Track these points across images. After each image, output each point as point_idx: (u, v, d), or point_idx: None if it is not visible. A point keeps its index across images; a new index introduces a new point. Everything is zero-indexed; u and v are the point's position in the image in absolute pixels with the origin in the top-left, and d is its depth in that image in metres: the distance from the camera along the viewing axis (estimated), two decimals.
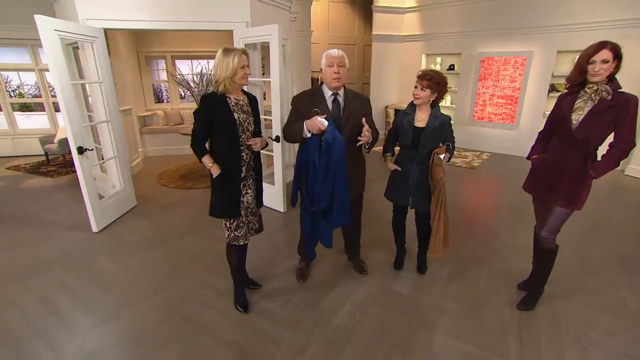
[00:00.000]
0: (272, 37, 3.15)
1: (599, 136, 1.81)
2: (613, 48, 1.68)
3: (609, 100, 1.74)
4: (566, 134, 1.89)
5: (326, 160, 1.92)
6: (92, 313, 2.20)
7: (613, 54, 1.67)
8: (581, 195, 1.91)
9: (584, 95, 1.83)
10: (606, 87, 1.74)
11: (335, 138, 1.89)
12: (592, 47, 1.72)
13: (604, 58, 1.68)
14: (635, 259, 2.84)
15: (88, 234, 3.26)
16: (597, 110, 1.77)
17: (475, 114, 6.78)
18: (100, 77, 3.39)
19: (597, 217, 3.73)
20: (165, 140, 6.22)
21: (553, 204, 1.99)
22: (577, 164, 1.88)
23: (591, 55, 1.71)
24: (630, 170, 5.23)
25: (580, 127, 1.82)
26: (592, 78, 1.74)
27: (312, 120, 1.92)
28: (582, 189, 1.89)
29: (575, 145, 1.87)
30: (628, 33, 5.10)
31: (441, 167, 2.18)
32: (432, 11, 7.06)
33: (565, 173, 1.92)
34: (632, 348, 1.92)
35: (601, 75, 1.71)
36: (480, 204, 4.20)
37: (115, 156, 3.60)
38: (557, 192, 1.96)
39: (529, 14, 5.85)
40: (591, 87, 1.79)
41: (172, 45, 6.39)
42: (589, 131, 1.80)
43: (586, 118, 1.80)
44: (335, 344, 1.95)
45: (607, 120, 1.76)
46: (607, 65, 1.69)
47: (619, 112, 1.73)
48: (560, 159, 1.95)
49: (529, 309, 2.23)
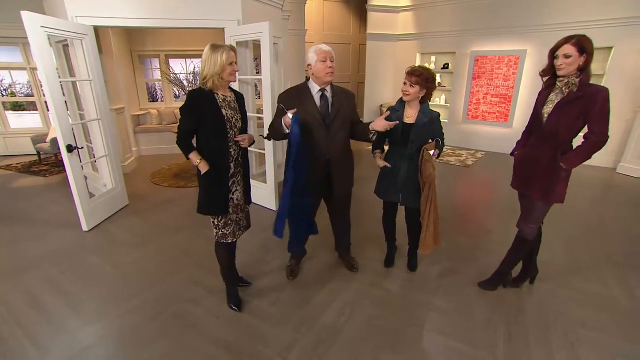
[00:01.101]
0: (263, 35, 3.14)
1: (569, 128, 1.83)
2: (578, 43, 1.71)
3: (575, 92, 1.76)
4: (539, 127, 1.93)
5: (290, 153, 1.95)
6: (80, 311, 2.19)
7: (577, 49, 1.70)
8: (556, 189, 1.91)
9: (556, 90, 1.87)
10: (575, 80, 1.77)
11: (293, 130, 1.91)
12: (559, 42, 1.77)
13: (566, 53, 1.72)
14: (625, 257, 2.85)
15: (78, 233, 3.23)
16: (564, 102, 1.80)
17: (470, 113, 6.80)
18: (91, 75, 3.36)
19: (588, 215, 3.75)
20: (159, 139, 6.19)
21: (530, 197, 2.03)
22: (547, 156, 1.91)
23: (555, 50, 1.78)
24: (621, 169, 5.26)
25: (549, 120, 1.86)
26: (558, 72, 1.79)
27: (285, 117, 1.94)
28: (556, 182, 1.91)
29: (546, 138, 1.90)
30: (620, 32, 5.13)
31: (431, 163, 2.17)
32: (427, 10, 7.08)
33: (539, 166, 1.95)
34: (621, 345, 1.93)
35: (565, 70, 1.75)
36: (473, 202, 4.21)
37: (106, 154, 3.57)
38: (533, 185, 1.99)
39: (523, 13, 5.87)
40: (562, 81, 1.82)
41: (165, 44, 6.36)
42: (558, 123, 1.83)
43: (554, 110, 1.84)
44: (323, 341, 1.95)
45: (574, 112, 1.78)
46: (570, 60, 1.72)
47: (586, 105, 1.75)
48: (534, 153, 1.99)
49: (489, 289, 2.37)
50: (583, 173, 5.32)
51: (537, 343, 1.93)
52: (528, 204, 2.09)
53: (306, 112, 2.02)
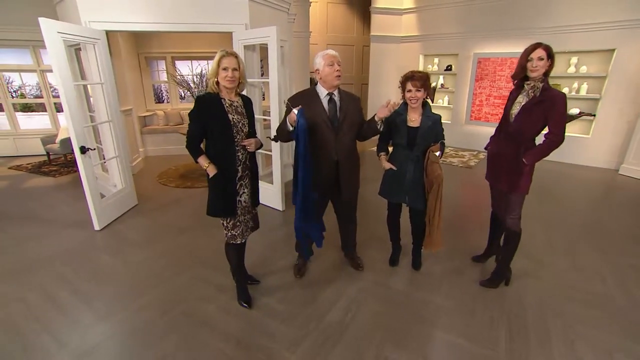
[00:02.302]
0: (271, 38, 3.21)
1: (532, 128, 2.05)
2: (546, 48, 1.96)
3: (538, 97, 1.99)
4: (506, 126, 2.13)
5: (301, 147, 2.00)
6: (93, 307, 2.27)
7: (546, 53, 1.94)
8: (520, 181, 2.14)
9: (524, 91, 2.09)
10: (539, 84, 2.00)
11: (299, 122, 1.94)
12: (530, 47, 1.99)
13: (539, 56, 1.94)
14: (624, 257, 2.90)
15: (90, 232, 3.32)
16: (529, 104, 2.02)
17: (473, 114, 6.84)
18: (102, 79, 3.46)
19: (589, 215, 3.80)
20: (165, 140, 6.29)
21: (499, 188, 2.24)
22: (512, 152, 2.14)
23: (529, 53, 1.97)
24: (624, 170, 5.29)
25: (516, 120, 2.10)
26: (531, 74, 1.99)
27: (290, 114, 2.01)
28: (519, 175, 2.13)
29: (512, 136, 2.13)
30: (622, 34, 5.17)
31: (438, 164, 2.24)
32: (430, 12, 7.13)
33: (506, 161, 2.18)
34: (618, 341, 1.98)
35: (538, 71, 1.96)
36: (476, 202, 4.26)
37: (116, 156, 3.66)
38: (501, 178, 2.20)
39: (524, 15, 5.91)
40: (529, 84, 2.04)
41: (172, 46, 6.46)
42: (522, 123, 2.06)
43: (520, 112, 2.07)
44: (330, 338, 2.01)
45: (536, 114, 2.01)
46: (543, 62, 1.94)
47: (548, 108, 1.97)
48: (503, 149, 2.19)
49: (492, 286, 2.44)
50: (586, 174, 5.36)
51: (537, 340, 1.99)
52: (500, 196, 2.32)
53: (315, 116, 2.09)
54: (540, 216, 3.71)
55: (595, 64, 5.57)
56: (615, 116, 5.46)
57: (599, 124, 5.64)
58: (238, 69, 1.89)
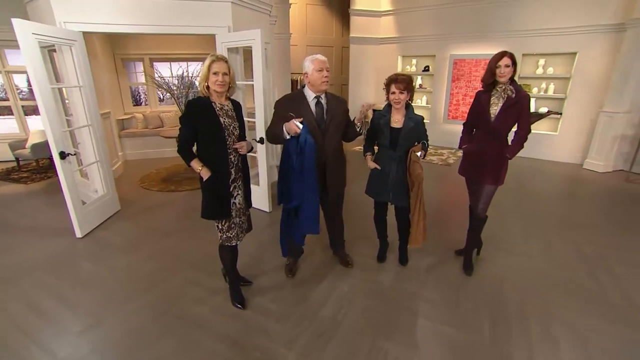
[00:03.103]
0: (255, 41, 3.23)
1: (509, 126, 2.33)
2: (511, 56, 2.22)
3: (513, 98, 2.24)
4: (486, 125, 2.36)
5: (300, 161, 2.06)
6: (82, 315, 2.22)
7: (511, 60, 2.20)
8: (501, 174, 2.41)
9: (496, 93, 2.32)
10: (510, 87, 2.24)
11: (307, 141, 2.04)
12: (497, 55, 2.24)
13: (506, 63, 2.20)
14: (590, 245, 3.13)
15: (71, 240, 3.22)
16: (507, 105, 2.27)
17: (450, 113, 7.11)
18: (81, 81, 3.36)
19: (558, 208, 4.06)
20: (145, 143, 6.14)
21: (483, 184, 2.42)
22: (496, 149, 2.37)
23: (497, 61, 2.22)
24: (587, 164, 5.67)
25: (497, 119, 2.31)
26: (500, 79, 2.24)
27: (290, 124, 2.06)
28: (501, 169, 2.40)
29: (493, 134, 2.35)
30: (583, 39, 5.55)
31: (419, 164, 2.35)
32: (407, 15, 7.34)
33: (488, 157, 2.39)
34: (590, 323, 2.16)
35: (506, 77, 2.22)
36: (455, 198, 4.44)
37: (97, 161, 3.56)
38: (484, 173, 2.38)
39: (497, 19, 6.21)
40: (501, 87, 2.28)
41: (149, 47, 6.31)
42: (503, 122, 2.30)
43: (500, 112, 2.29)
44: (324, 333, 2.07)
45: (513, 114, 2.28)
46: (509, 69, 2.20)
47: (520, 107, 2.25)
48: (485, 146, 2.41)
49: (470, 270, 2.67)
50: (554, 169, 5.70)
51: (517, 325, 2.14)
52: (479, 189, 2.50)
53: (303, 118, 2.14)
54: (515, 210, 3.93)
55: (561, 66, 5.93)
56: (579, 115, 5.84)
57: (565, 122, 6.02)
58: (228, 73, 1.92)
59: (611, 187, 4.80)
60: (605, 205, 4.23)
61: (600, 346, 1.97)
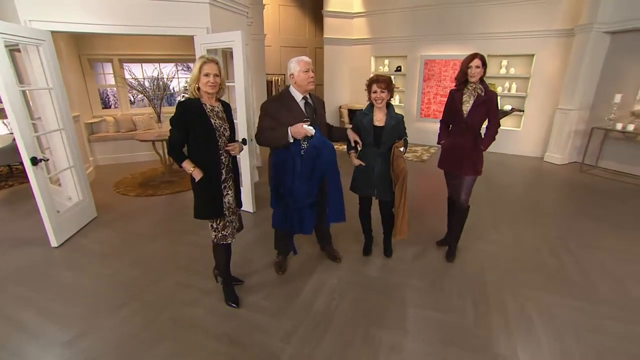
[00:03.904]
0: (236, 43, 3.24)
1: (481, 121, 2.56)
2: (481, 58, 2.42)
3: (483, 96, 2.47)
4: (460, 121, 2.57)
5: (313, 162, 2.14)
6: (69, 325, 2.15)
7: (482, 62, 2.41)
8: (479, 165, 2.62)
9: (467, 92, 2.53)
10: (480, 87, 2.47)
11: (326, 143, 2.16)
12: (469, 56, 2.44)
13: (477, 64, 2.40)
14: (551, 230, 3.44)
15: (47, 249, 3.07)
16: (477, 103, 2.49)
17: (422, 112, 7.41)
18: (50, 83, 3.21)
19: (523, 197, 4.39)
20: (117, 147, 5.90)
21: (463, 175, 2.62)
22: (472, 142, 2.59)
23: (469, 62, 2.43)
24: (547, 157, 6.15)
25: (470, 116, 2.52)
26: (471, 79, 2.46)
27: (298, 127, 2.11)
28: (479, 160, 2.61)
29: (467, 129, 2.56)
30: (539, 42, 6.01)
31: (402, 159, 2.49)
32: (379, 17, 7.56)
33: (466, 150, 2.59)
34: (555, 299, 2.40)
35: (476, 77, 2.43)
36: (432, 192, 4.67)
37: (71, 166, 3.42)
38: (464, 165, 2.59)
39: (463, 22, 6.56)
40: (472, 85, 2.50)
41: (119, 48, 6.06)
42: (475, 118, 2.52)
43: (472, 109, 2.51)
44: (319, 326, 2.15)
45: (484, 110, 2.51)
46: (479, 70, 2.41)
47: (489, 104, 2.49)
48: (460, 140, 2.59)
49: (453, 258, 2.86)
50: (519, 162, 6.12)
51: (496, 306, 2.32)
52: (459, 181, 2.69)
53: (294, 119, 2.21)
54: (487, 200, 4.20)
55: (521, 67, 6.38)
56: (538, 112, 6.31)
57: (527, 118, 6.47)
58: (219, 74, 1.95)
59: (568, 178, 5.25)
60: (564, 194, 4.63)
61: (566, 319, 2.20)
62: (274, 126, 2.20)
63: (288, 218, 2.39)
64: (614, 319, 2.21)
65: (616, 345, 2.00)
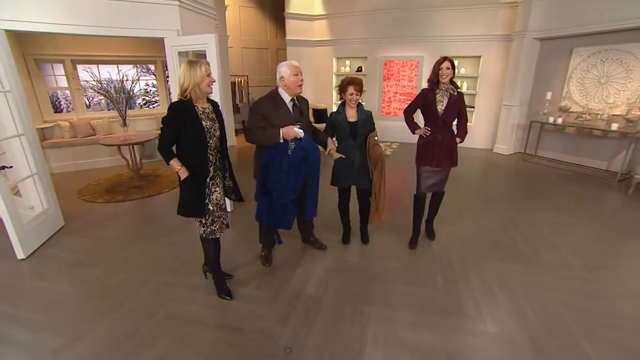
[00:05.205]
0: (209, 46, 3.29)
1: (454, 117, 2.85)
2: (450, 61, 2.66)
3: (455, 95, 2.76)
4: (436, 119, 2.81)
5: (299, 162, 2.33)
6: (56, 334, 2.10)
7: (451, 64, 2.66)
8: (455, 157, 2.94)
9: (440, 92, 2.78)
10: (451, 87, 2.76)
11: (313, 145, 2.34)
12: (439, 60, 2.70)
13: (447, 66, 2.66)
14: (504, 212, 3.92)
15: (13, 262, 2.90)
16: (451, 102, 2.77)
17: (383, 110, 7.83)
18: (7, 85, 3.02)
19: (478, 186, 4.89)
20: (75, 154, 5.55)
21: (443, 168, 2.93)
22: (449, 137, 2.86)
23: (440, 64, 2.68)
24: (496, 149, 6.85)
25: (445, 113, 2.78)
26: (442, 79, 2.70)
27: (289, 129, 2.28)
28: (455, 153, 2.92)
29: (444, 126, 2.83)
30: (484, 45, 6.68)
31: (379, 145, 2.75)
32: (339, 19, 7.85)
33: (444, 145, 2.85)
34: (507, 267, 2.80)
35: (447, 78, 2.68)
36: (400, 184, 5.03)
37: (34, 173, 3.24)
38: (443, 159, 2.88)
39: (417, 25, 7.06)
40: (444, 85, 2.75)
41: (70, 48, 5.70)
42: (450, 115, 2.80)
43: (447, 107, 2.77)
44: (311, 309, 2.32)
45: (456, 108, 2.80)
46: (449, 71, 2.66)
47: (460, 102, 2.80)
48: (438, 137, 2.86)
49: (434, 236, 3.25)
50: (472, 154, 6.73)
51: (462, 279, 2.66)
52: (445, 174, 2.97)
53: (283, 119, 2.35)
54: (448, 190, 4.61)
55: (470, 67, 7.02)
56: (487, 108, 7.00)
57: (477, 114, 7.13)
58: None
59: (514, 166, 5.91)
60: (511, 181, 5.23)
61: (517, 281, 2.61)
62: (265, 126, 2.33)
63: (271, 212, 2.53)
64: (553, 276, 2.67)
65: (554, 294, 2.44)
